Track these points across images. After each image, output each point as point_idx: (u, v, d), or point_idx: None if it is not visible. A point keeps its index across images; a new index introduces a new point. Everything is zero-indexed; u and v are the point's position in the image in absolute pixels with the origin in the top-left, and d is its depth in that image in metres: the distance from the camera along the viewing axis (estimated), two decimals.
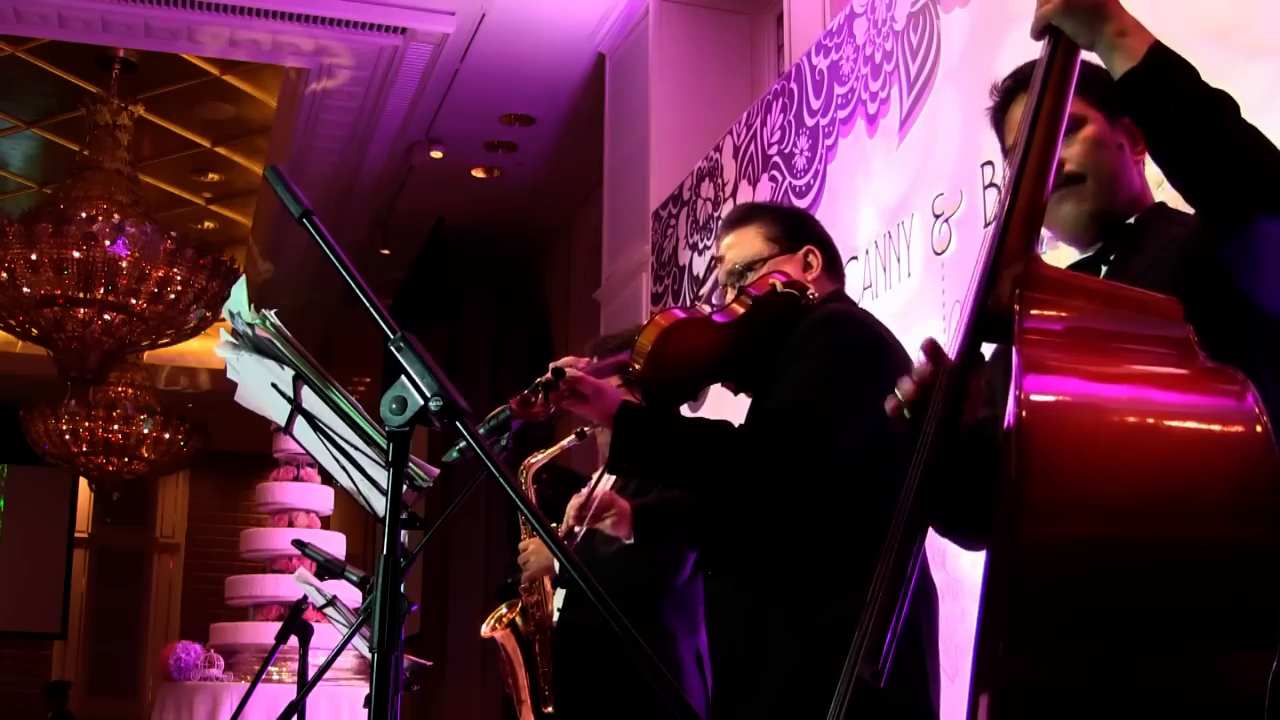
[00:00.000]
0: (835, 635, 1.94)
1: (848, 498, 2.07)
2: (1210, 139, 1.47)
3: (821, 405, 2.08)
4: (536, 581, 3.22)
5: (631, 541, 2.71)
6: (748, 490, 2.11)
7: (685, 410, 2.34)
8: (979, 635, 1.26)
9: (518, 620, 3.23)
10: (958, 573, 3.32)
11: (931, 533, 1.45)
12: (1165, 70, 1.50)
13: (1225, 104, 1.49)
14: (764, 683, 2.08)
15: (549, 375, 2.09)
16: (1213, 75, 1.53)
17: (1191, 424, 1.21)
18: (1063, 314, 1.34)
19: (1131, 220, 1.71)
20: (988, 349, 1.46)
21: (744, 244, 2.35)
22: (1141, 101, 1.52)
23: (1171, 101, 1.49)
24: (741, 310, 2.22)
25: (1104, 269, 1.70)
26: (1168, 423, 1.22)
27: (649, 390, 2.16)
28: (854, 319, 2.22)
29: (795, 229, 2.36)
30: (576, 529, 2.82)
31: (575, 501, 2.98)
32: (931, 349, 1.46)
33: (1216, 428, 1.20)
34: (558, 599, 3.23)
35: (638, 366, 2.14)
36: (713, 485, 2.15)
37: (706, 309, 2.26)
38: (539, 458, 3.30)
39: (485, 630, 3.28)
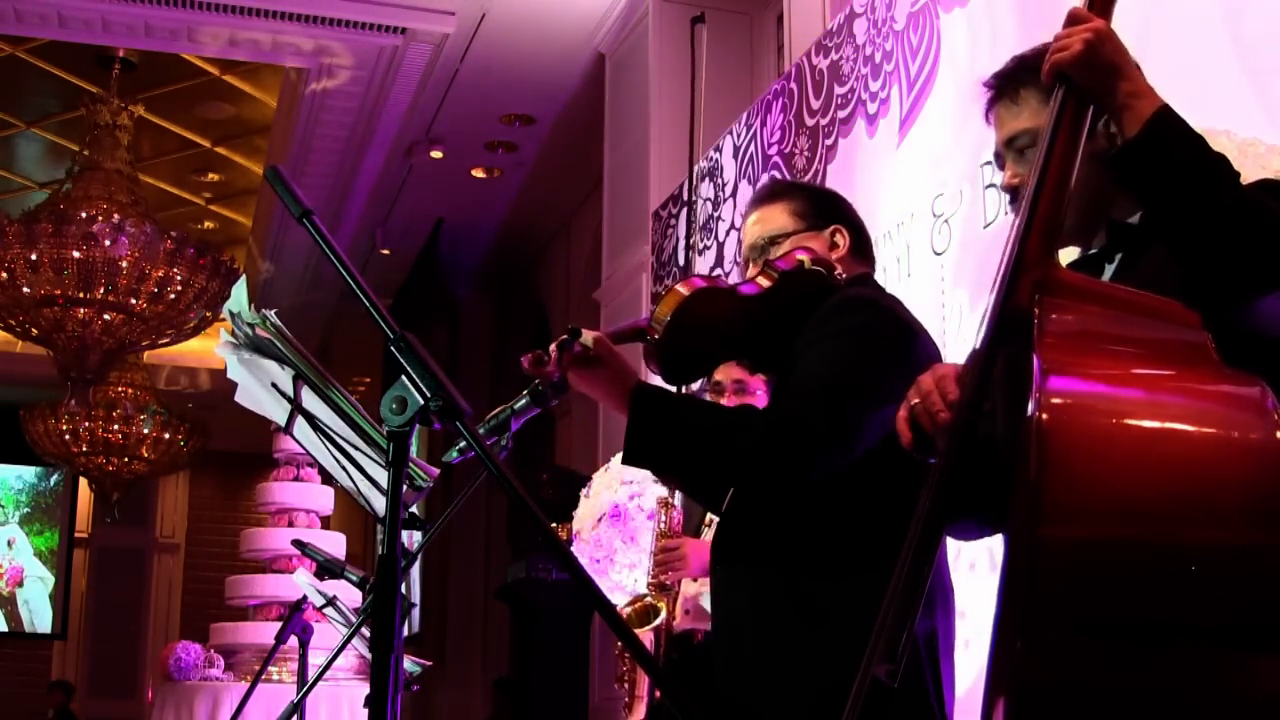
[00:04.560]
0: (836, 626, 1.93)
1: (858, 490, 2.01)
2: (1203, 222, 1.44)
3: (846, 391, 1.98)
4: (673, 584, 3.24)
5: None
6: (763, 484, 2.03)
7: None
8: (996, 636, 1.26)
9: (661, 613, 3.21)
10: (954, 572, 3.32)
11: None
12: (1163, 144, 1.47)
13: (1222, 181, 1.46)
14: (760, 671, 2.05)
15: (565, 336, 1.95)
16: None
17: (1210, 428, 1.21)
18: (1082, 319, 1.35)
19: (1134, 220, 1.71)
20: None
21: (769, 219, 2.26)
22: (1135, 177, 1.50)
23: (1163, 178, 1.47)
24: (768, 284, 2.10)
25: (1108, 268, 1.69)
26: (1186, 427, 1.22)
27: (665, 361, 2.04)
28: (880, 304, 2.12)
29: (823, 207, 2.28)
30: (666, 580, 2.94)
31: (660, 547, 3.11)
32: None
33: (1235, 433, 1.20)
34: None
35: (656, 335, 2.01)
36: (726, 480, 2.07)
37: (730, 280, 2.12)
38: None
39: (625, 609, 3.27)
